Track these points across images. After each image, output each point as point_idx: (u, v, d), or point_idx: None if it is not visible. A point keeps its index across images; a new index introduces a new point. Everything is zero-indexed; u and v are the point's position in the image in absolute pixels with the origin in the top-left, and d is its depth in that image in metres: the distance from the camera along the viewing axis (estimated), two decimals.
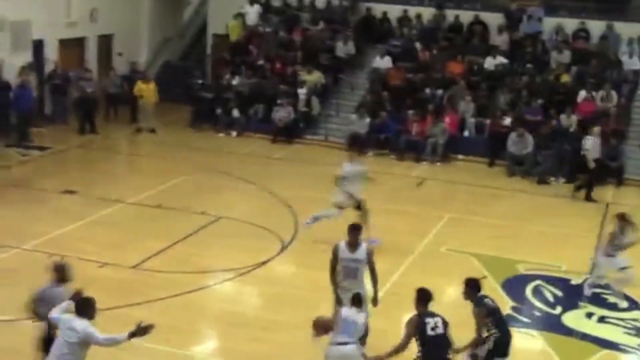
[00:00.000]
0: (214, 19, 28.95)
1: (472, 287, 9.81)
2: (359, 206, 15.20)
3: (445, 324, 9.14)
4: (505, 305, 13.05)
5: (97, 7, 26.22)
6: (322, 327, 9.61)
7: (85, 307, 8.49)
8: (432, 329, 9.02)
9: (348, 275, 10.70)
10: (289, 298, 12.74)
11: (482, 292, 9.83)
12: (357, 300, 9.98)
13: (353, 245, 10.69)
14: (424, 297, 9.30)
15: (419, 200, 19.32)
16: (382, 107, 23.89)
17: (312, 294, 12.73)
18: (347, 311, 9.75)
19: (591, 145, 19.78)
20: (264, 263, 14.45)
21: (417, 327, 9.04)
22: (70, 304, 8.68)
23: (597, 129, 20.17)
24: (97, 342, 8.42)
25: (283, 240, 15.55)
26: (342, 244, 10.74)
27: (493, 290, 11.90)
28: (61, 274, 9.41)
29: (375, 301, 10.76)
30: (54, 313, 8.66)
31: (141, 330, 8.53)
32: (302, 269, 14.47)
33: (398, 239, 15.53)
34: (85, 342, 8.41)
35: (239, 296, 13.46)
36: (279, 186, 19.12)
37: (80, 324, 8.38)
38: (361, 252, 10.70)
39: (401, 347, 9.15)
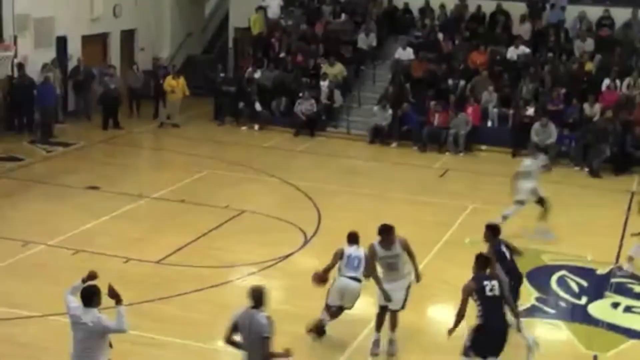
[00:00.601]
0: (236, 12, 28.97)
1: (492, 231, 11.26)
2: (540, 201, 15.63)
3: (501, 287, 9.83)
4: (530, 296, 13.04)
5: (120, 2, 26.32)
6: (318, 278, 11.41)
7: (90, 296, 8.36)
8: (490, 290, 9.73)
9: (390, 269, 10.93)
10: (312, 291, 12.70)
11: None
12: (354, 239, 11.32)
13: (388, 245, 10.81)
14: (482, 262, 10.05)
15: (443, 191, 19.28)
16: (404, 98, 23.82)
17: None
18: (349, 249, 11.26)
19: None
20: (287, 257, 14.48)
21: (474, 289, 9.74)
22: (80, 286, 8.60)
23: None
24: (111, 329, 8.34)
25: (306, 234, 15.56)
26: (377, 245, 10.83)
27: None
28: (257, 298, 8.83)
29: (418, 276, 11.17)
30: (69, 294, 8.57)
31: (113, 294, 8.43)
32: (324, 262, 14.35)
33: (422, 230, 15.48)
34: (101, 333, 8.33)
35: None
36: (302, 179, 19.15)
37: (91, 316, 8.28)
38: (397, 248, 10.87)
39: (460, 313, 9.81)
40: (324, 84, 24.69)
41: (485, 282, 9.82)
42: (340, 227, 15.02)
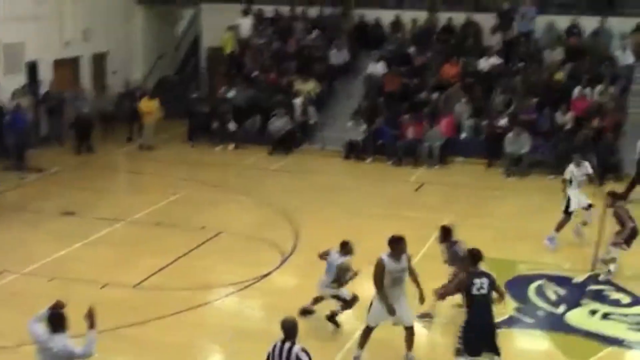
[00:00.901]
0: (207, 32, 28.99)
1: (444, 232, 12.39)
2: (588, 207, 16.12)
3: (490, 284, 10.28)
4: (509, 306, 13.03)
5: (90, 26, 26.25)
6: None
7: (58, 321, 8.35)
8: (479, 288, 10.17)
9: (395, 284, 10.91)
10: (291, 310, 12.67)
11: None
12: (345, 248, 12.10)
13: (398, 256, 10.82)
14: (474, 258, 10.54)
15: (419, 204, 19.32)
16: (377, 113, 23.91)
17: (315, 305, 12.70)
18: (333, 255, 12.11)
19: None
20: (265, 276, 14.43)
21: (465, 286, 10.25)
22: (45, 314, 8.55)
23: None
24: (76, 354, 8.30)
25: (283, 253, 15.53)
26: (387, 258, 10.82)
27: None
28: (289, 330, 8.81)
29: (422, 299, 11.19)
30: (34, 322, 8.52)
31: (90, 317, 8.40)
32: (303, 280, 14.40)
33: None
34: (66, 358, 8.30)
35: (241, 311, 13.41)
36: (278, 197, 19.15)
37: (57, 342, 8.27)
38: (404, 261, 10.92)
39: (449, 289, 11.11)
40: (298, 101, 24.72)
41: (476, 280, 10.21)
42: (318, 244, 15.01)
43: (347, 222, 17.38)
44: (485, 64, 24.93)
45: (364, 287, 11.92)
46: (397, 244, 10.83)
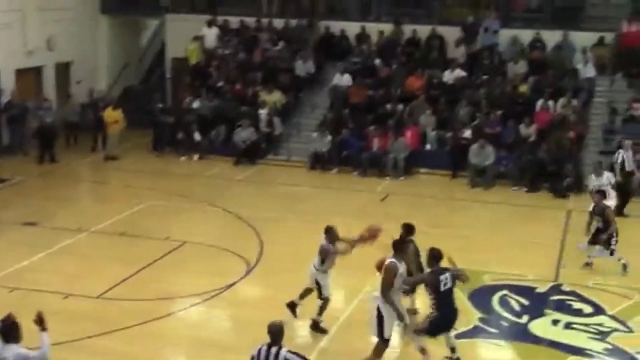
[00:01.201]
0: (173, 42, 28.84)
1: (406, 230, 12.54)
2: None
3: (452, 276, 10.94)
4: (473, 316, 13.14)
5: (54, 35, 26.05)
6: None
7: (11, 331, 8.32)
8: (445, 284, 10.82)
9: (400, 289, 11.21)
10: (256, 320, 12.64)
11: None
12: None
13: (402, 259, 11.11)
14: (435, 256, 11.00)
15: (384, 215, 19.30)
16: (343, 124, 23.97)
17: (279, 314, 12.63)
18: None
19: (622, 158, 19.47)
20: (230, 286, 14.35)
21: (434, 286, 10.81)
22: None
23: (628, 142, 19.98)
24: None
25: (249, 263, 15.48)
26: (396, 261, 10.97)
27: (460, 302, 11.94)
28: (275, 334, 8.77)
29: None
30: None
31: (40, 321, 8.38)
32: (268, 290, 14.41)
33: (365, 256, 15.44)
34: None
35: (206, 321, 13.35)
36: (243, 208, 19.09)
37: (12, 351, 8.25)
38: (403, 264, 11.17)
39: (414, 280, 11.48)
40: (263, 111, 24.71)
41: (442, 277, 10.83)
42: (283, 254, 15.02)
43: (312, 232, 17.27)
44: (449, 76, 25.11)
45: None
46: (403, 246, 11.25)
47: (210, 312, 13.58)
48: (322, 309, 12.44)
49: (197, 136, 24.51)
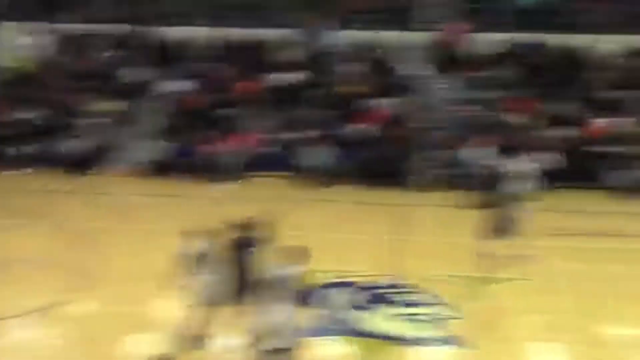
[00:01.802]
0: (3, 51, 27.38)
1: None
2: None
3: None
4: (309, 315, 12.97)
5: None
6: None
7: None
8: None
9: None
10: (91, 338, 12.15)
11: None
12: None
13: None
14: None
15: (220, 220, 18.84)
16: (178, 130, 23.41)
17: (114, 329, 12.45)
18: None
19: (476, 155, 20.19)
20: (62, 304, 13.62)
21: None
22: None
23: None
24: None
25: (82, 278, 14.68)
26: None
27: None
28: None
29: None
30: None
31: None
32: (103, 306, 13.74)
33: None
34: None
35: (37, 340, 12.67)
36: (75, 221, 18.37)
37: None
38: None
39: None
40: (94, 121, 23.82)
41: None
42: (117, 268, 14.45)
43: (147, 242, 16.74)
44: (286, 78, 24.90)
45: None
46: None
47: (41, 331, 12.89)
48: None
49: (25, 149, 23.26)
